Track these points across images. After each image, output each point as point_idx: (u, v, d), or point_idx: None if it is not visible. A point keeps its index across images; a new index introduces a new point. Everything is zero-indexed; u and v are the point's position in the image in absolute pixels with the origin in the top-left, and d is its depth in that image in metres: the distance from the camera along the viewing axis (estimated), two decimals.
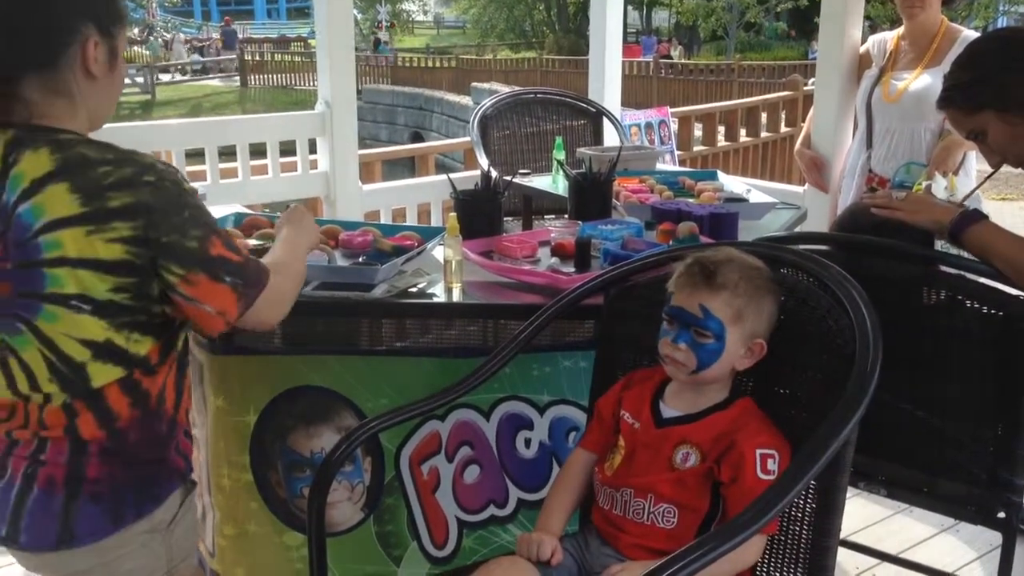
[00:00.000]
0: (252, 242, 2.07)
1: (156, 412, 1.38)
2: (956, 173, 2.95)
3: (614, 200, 2.52)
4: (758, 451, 1.38)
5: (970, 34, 3.14)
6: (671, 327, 1.47)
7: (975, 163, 3.10)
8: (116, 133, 4.02)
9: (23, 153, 1.24)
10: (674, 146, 5.98)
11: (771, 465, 1.37)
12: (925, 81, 3.08)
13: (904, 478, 1.86)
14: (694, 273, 1.46)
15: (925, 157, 3.03)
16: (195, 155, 4.03)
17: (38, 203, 1.22)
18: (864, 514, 2.75)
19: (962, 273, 1.74)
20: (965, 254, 1.79)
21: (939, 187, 2.22)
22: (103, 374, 1.30)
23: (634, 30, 36.24)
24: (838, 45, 3.45)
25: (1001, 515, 1.74)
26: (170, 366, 1.39)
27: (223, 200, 3.44)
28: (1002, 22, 27.50)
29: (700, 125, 7.16)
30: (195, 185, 2.39)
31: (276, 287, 1.41)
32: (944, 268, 1.77)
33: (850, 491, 1.44)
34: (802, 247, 1.69)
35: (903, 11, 3.15)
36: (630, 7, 35.63)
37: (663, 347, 1.47)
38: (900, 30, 3.28)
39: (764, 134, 7.66)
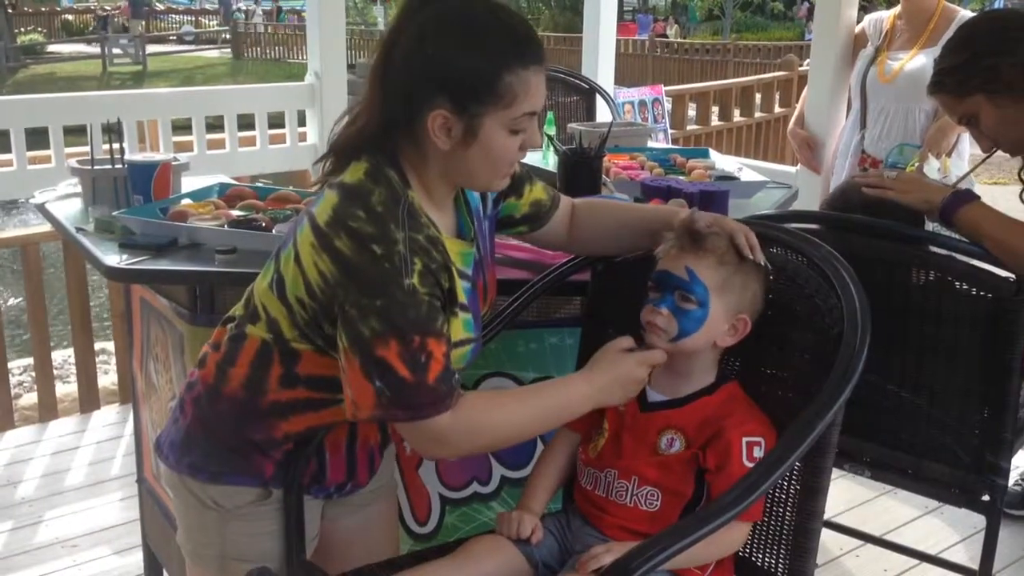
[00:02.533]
0: (236, 212, 2.05)
1: (259, 409, 1.38)
2: (949, 155, 2.94)
3: (604, 176, 2.49)
4: (744, 439, 1.36)
5: (967, 14, 3.12)
6: (655, 293, 1.44)
7: (969, 146, 3.08)
8: (102, 102, 3.99)
9: (353, 164, 1.32)
10: (667, 124, 5.94)
11: (757, 453, 1.35)
12: (921, 61, 3.06)
13: (889, 459, 1.86)
14: (682, 237, 1.44)
15: (919, 138, 3.01)
16: (184, 127, 3.98)
17: (323, 196, 1.31)
18: (848, 496, 2.75)
19: (952, 254, 1.72)
20: (956, 235, 1.77)
21: (932, 169, 2.21)
22: (255, 327, 1.37)
23: (631, 8, 36.01)
24: (833, 25, 3.43)
25: (985, 498, 1.74)
26: (331, 392, 1.35)
27: (210, 171, 3.41)
28: (999, 4, 27.40)
29: (694, 104, 7.12)
30: (179, 155, 2.38)
31: (443, 427, 1.27)
32: (934, 248, 1.76)
33: (834, 472, 1.42)
34: (792, 225, 1.67)
35: None
36: None
37: (645, 314, 1.44)
38: (896, 9, 3.26)
39: (758, 114, 7.63)
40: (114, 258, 1.86)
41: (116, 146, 2.17)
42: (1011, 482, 2.67)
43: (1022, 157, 1.92)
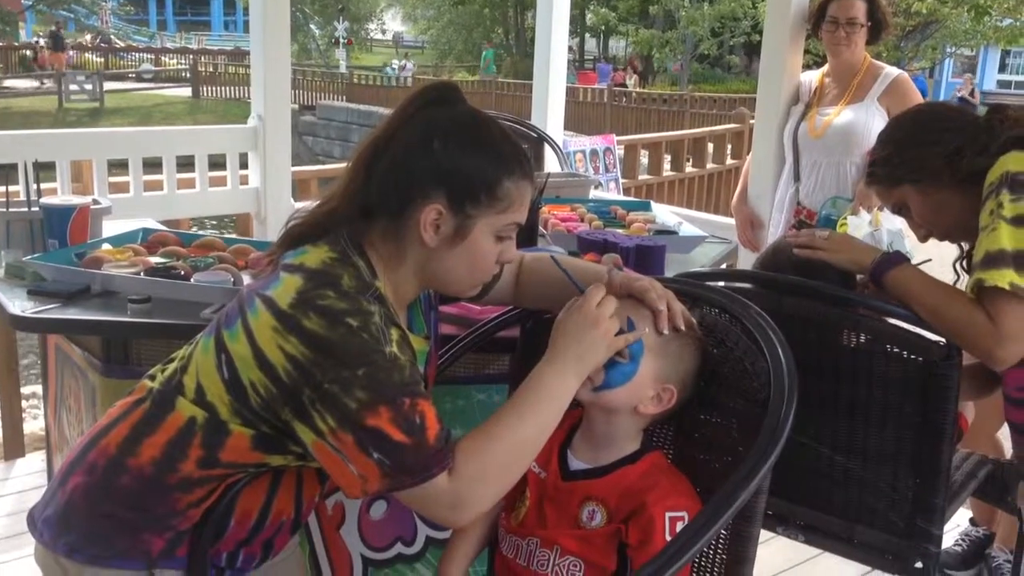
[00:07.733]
0: (155, 260, 1.97)
1: (164, 485, 1.28)
2: (882, 209, 2.97)
3: (541, 228, 2.46)
4: (667, 513, 1.31)
5: (891, 71, 3.19)
6: None
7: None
8: (38, 140, 3.89)
9: (311, 247, 1.29)
10: (619, 174, 5.97)
11: (680, 527, 1.30)
12: (848, 116, 3.13)
13: (822, 524, 1.82)
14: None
15: (850, 191, 3.06)
16: (122, 165, 3.89)
17: (280, 279, 1.26)
18: (789, 555, 2.70)
19: (883, 317, 1.70)
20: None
21: (863, 221, 2.21)
22: (187, 402, 1.28)
23: (591, 57, 36.53)
24: (777, 84, 3.46)
25: (918, 565, 1.70)
26: (245, 471, 1.30)
27: (147, 213, 3.32)
28: (948, 64, 28.30)
29: (647, 152, 7.18)
30: (101, 199, 2.30)
31: (448, 490, 1.22)
32: (865, 311, 1.73)
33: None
34: (723, 284, 1.64)
35: (829, 49, 3.22)
36: (588, 34, 36.00)
37: None
38: (825, 68, 3.33)
39: (710, 165, 7.71)
40: (21, 305, 1.78)
41: (34, 187, 2.10)
42: (952, 542, 2.64)
43: (958, 246, 1.93)
